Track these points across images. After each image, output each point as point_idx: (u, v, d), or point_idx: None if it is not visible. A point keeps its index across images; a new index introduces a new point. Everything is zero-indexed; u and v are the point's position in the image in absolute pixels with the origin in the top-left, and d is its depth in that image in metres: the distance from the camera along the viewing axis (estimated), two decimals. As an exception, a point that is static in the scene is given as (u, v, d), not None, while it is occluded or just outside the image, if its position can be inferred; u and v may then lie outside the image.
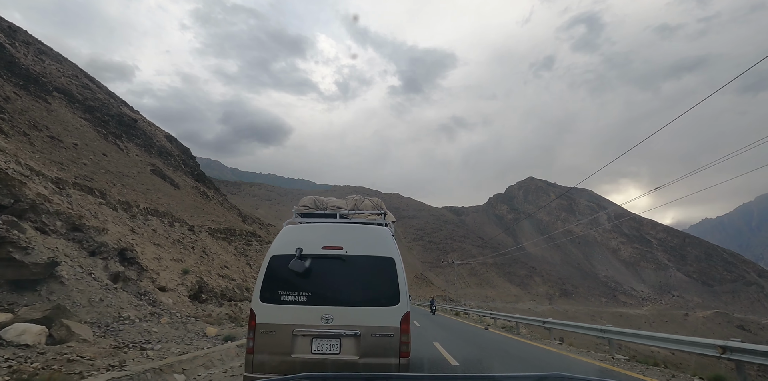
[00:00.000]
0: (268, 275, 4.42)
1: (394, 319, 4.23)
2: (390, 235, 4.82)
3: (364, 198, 5.61)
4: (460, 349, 11.47)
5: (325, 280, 4.44)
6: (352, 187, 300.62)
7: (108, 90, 49.91)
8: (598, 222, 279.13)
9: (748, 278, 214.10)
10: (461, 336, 15.66)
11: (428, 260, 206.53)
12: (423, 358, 9.52)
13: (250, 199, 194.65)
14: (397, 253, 4.67)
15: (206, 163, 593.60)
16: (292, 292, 4.30)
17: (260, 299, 4.34)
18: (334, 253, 4.48)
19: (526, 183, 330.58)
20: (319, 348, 4.14)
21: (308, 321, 4.20)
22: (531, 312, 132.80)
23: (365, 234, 4.74)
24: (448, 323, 23.86)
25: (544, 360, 10.15)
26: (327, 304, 4.27)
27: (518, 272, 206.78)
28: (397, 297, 4.36)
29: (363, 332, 4.14)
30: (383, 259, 4.52)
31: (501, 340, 14.97)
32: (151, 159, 38.71)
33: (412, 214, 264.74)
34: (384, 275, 4.45)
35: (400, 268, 4.52)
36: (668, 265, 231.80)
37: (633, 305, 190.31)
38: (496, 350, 11.82)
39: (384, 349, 4.13)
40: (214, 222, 31.34)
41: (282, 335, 4.16)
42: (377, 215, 5.45)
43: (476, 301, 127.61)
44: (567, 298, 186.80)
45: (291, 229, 4.79)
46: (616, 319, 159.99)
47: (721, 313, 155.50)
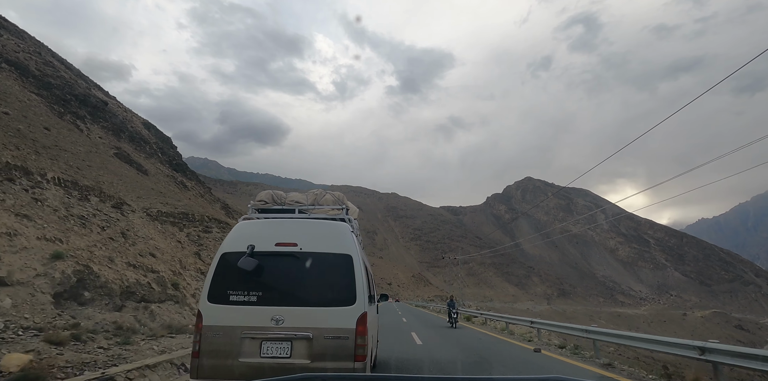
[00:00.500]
0: (218, 274, 4.15)
1: (349, 321, 3.99)
2: (349, 231, 4.53)
3: (326, 192, 5.28)
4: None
5: (277, 279, 4.20)
6: (349, 187, 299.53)
7: (81, 73, 48.62)
8: (596, 221, 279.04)
9: (746, 278, 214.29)
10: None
11: (426, 260, 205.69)
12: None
13: (246, 199, 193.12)
14: (356, 250, 4.39)
15: (203, 163, 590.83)
16: (241, 292, 4.07)
17: (208, 299, 4.07)
18: (288, 250, 4.25)
19: (524, 183, 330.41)
20: (269, 351, 3.91)
21: (257, 322, 3.97)
22: (529, 312, 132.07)
23: (322, 230, 4.50)
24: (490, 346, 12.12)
25: None
26: (278, 305, 4.04)
27: (516, 272, 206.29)
28: (354, 297, 4.10)
29: (315, 334, 3.92)
30: (340, 256, 4.28)
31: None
32: (118, 143, 37.50)
33: (410, 214, 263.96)
34: (340, 274, 4.20)
35: (359, 266, 4.27)
36: (666, 264, 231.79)
37: (631, 305, 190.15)
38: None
39: (338, 352, 3.90)
40: (168, 205, 28.31)
41: (229, 338, 3.93)
42: (338, 210, 5.11)
43: (475, 302, 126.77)
44: (565, 298, 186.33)
45: (244, 225, 4.57)
46: (614, 319, 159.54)
47: (719, 312, 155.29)
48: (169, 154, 50.18)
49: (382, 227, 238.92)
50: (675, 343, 7.43)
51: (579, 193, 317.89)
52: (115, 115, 43.61)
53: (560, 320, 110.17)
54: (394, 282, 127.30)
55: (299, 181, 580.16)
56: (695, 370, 8.53)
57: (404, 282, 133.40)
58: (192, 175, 53.13)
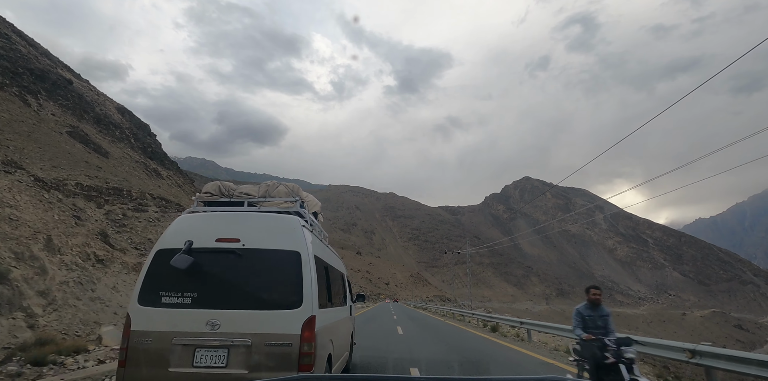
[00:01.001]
0: (151, 273, 3.79)
1: (294, 326, 3.60)
2: (299, 224, 4.09)
3: (279, 184, 4.82)
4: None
5: (216, 278, 3.80)
6: (347, 186, 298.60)
7: (47, 51, 47.09)
8: (594, 221, 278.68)
9: (744, 277, 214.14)
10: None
11: (424, 260, 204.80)
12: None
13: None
14: (307, 247, 3.95)
15: (201, 163, 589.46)
16: (175, 293, 3.68)
17: (138, 302, 3.71)
18: (229, 247, 3.85)
19: (522, 182, 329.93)
20: (203, 360, 3.49)
21: (191, 328, 3.56)
22: (528, 312, 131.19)
23: (269, 224, 4.09)
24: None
25: None
26: (215, 308, 3.63)
27: (515, 272, 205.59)
28: (300, 299, 3.70)
29: (255, 341, 3.52)
30: (287, 253, 3.87)
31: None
32: (78, 123, 36.23)
33: (408, 213, 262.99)
34: (287, 272, 3.80)
35: (309, 264, 3.86)
36: (664, 264, 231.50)
37: (630, 305, 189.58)
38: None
39: (280, 361, 3.50)
40: (97, 179, 24.82)
41: (159, 345, 3.54)
42: (291, 203, 4.62)
43: (473, 302, 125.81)
44: (563, 298, 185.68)
45: (185, 219, 4.14)
46: (613, 320, 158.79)
47: (718, 312, 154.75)
48: (144, 141, 48.39)
49: (380, 227, 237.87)
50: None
51: (577, 192, 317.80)
52: (80, 96, 42.22)
53: (560, 321, 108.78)
54: (392, 282, 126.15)
55: (297, 181, 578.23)
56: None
57: (402, 282, 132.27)
58: (171, 165, 51.32)
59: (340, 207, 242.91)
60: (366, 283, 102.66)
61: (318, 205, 5.50)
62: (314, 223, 4.91)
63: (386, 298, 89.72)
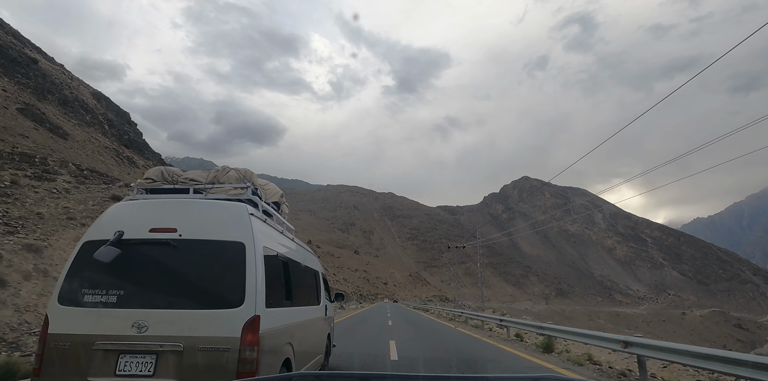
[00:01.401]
0: (75, 268, 3.32)
1: (233, 327, 3.08)
2: (246, 213, 3.55)
3: (230, 169, 4.24)
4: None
5: (147, 273, 3.34)
6: (345, 186, 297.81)
7: (16, 31, 45.88)
8: (593, 221, 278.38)
9: (743, 277, 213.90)
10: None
11: (423, 260, 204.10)
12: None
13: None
14: (254, 237, 3.42)
15: (198, 164, 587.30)
16: (99, 291, 3.20)
17: (58, 301, 3.23)
18: (164, 238, 3.36)
19: (520, 182, 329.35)
20: (127, 367, 3.03)
21: (115, 330, 3.09)
22: (527, 312, 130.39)
23: (211, 212, 3.56)
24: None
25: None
26: (143, 307, 3.15)
27: (514, 272, 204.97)
28: (242, 297, 3.17)
29: (188, 345, 3.04)
30: (229, 244, 3.34)
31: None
32: (36, 102, 35.07)
33: (407, 213, 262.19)
34: (228, 266, 3.28)
35: (255, 256, 3.32)
36: (663, 264, 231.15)
37: (629, 304, 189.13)
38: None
39: (216, 368, 3.02)
40: (6, 143, 21.95)
41: (78, 350, 3.08)
42: (241, 189, 4.04)
43: (472, 302, 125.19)
44: (563, 298, 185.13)
45: (118, 208, 3.68)
46: (613, 319, 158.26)
47: (718, 312, 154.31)
48: (121, 128, 46.89)
49: (379, 227, 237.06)
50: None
51: (576, 192, 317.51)
52: (45, 76, 41.09)
53: (560, 320, 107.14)
54: (390, 281, 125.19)
55: (295, 181, 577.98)
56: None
57: (401, 281, 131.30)
58: (153, 156, 49.81)
59: (339, 207, 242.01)
60: (363, 283, 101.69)
61: (278, 193, 4.98)
62: (272, 213, 4.42)
63: (384, 297, 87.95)
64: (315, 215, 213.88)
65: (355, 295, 65.26)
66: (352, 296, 60.76)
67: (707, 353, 5.27)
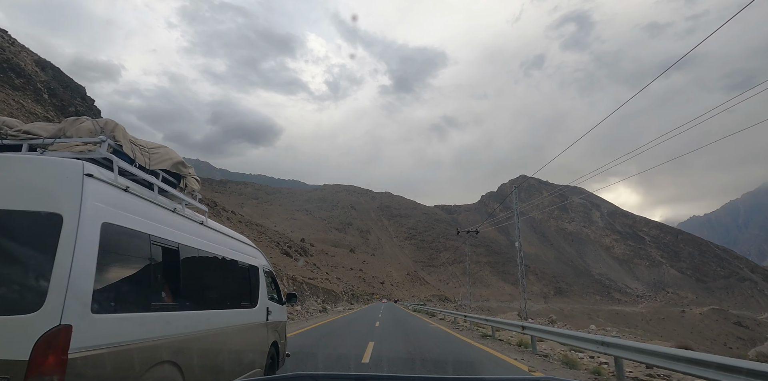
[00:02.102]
0: None
1: (19, 345, 1.98)
2: (78, 173, 2.37)
3: (87, 119, 2.95)
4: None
5: None
6: (342, 186, 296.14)
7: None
8: (591, 219, 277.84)
9: (741, 274, 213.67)
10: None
11: (421, 259, 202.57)
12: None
13: (236, 198, 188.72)
14: (81, 208, 2.28)
15: (195, 164, 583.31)
16: None
17: None
18: None
19: (518, 181, 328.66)
20: None
21: None
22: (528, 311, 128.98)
23: (23, 173, 2.39)
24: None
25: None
26: None
27: (512, 271, 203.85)
28: (41, 295, 2.06)
29: None
30: (39, 217, 2.23)
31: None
32: None
33: (404, 213, 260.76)
34: (32, 249, 2.22)
35: (79, 236, 2.23)
36: (662, 262, 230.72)
37: (628, 303, 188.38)
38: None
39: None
40: None
41: None
42: (93, 145, 2.76)
43: (466, 301, 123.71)
44: (562, 297, 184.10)
45: None
46: (612, 317, 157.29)
47: (717, 309, 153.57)
48: (66, 100, 43.21)
49: (376, 226, 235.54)
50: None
51: (573, 190, 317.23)
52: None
53: (560, 319, 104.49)
54: (387, 280, 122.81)
55: (293, 181, 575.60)
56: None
57: (398, 280, 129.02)
58: None
59: (335, 206, 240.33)
60: (358, 282, 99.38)
61: (174, 161, 3.41)
62: (153, 183, 3.07)
63: (380, 297, 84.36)
64: (311, 215, 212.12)
65: (345, 295, 61.75)
66: (342, 296, 56.58)
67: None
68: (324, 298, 40.03)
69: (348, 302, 54.84)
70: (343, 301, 51.74)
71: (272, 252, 55.97)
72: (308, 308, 28.91)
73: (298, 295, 11.84)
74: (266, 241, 64.95)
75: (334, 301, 45.49)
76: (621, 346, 6.35)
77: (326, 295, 42.73)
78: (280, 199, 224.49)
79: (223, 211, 69.41)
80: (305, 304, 29.12)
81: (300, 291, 29.17)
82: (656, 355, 5.53)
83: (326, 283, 61.02)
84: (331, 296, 46.48)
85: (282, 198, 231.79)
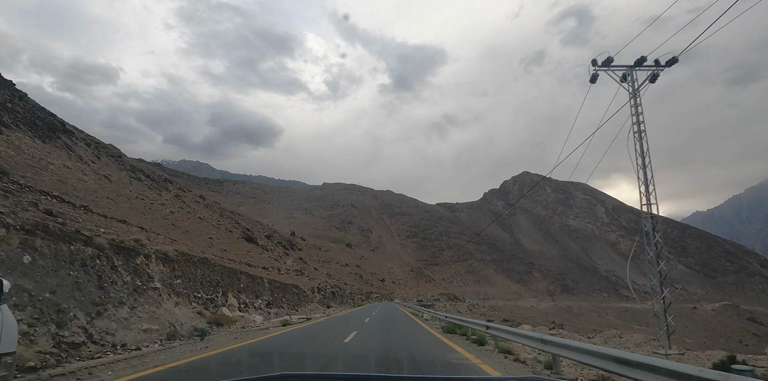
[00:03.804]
0: None
1: None
2: None
3: None
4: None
5: None
6: (342, 184, 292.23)
7: None
8: (596, 215, 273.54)
9: (751, 269, 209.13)
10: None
11: (424, 258, 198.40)
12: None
13: (233, 197, 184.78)
14: None
15: (195, 166, 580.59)
16: None
17: None
18: None
19: (521, 177, 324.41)
20: None
21: None
22: (534, 310, 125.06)
23: None
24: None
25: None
26: None
27: (517, 268, 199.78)
28: None
29: None
30: None
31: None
32: None
33: (406, 211, 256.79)
34: None
35: None
36: (669, 257, 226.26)
37: (635, 300, 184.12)
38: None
39: None
40: None
41: None
42: None
43: (476, 300, 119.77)
44: (568, 294, 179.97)
45: None
46: (621, 315, 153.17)
47: (729, 305, 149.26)
48: (13, 106, 39.16)
49: (377, 225, 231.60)
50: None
51: (577, 187, 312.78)
52: None
53: (569, 317, 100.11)
54: (388, 278, 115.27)
55: (293, 182, 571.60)
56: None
57: (401, 278, 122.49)
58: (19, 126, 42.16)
59: (336, 205, 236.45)
60: (356, 280, 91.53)
61: None
62: None
63: (378, 296, 76.08)
64: (311, 214, 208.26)
65: (322, 294, 44.73)
66: (312, 297, 39.64)
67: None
68: (276, 297, 27.21)
69: (322, 304, 39.92)
70: (313, 303, 37.01)
71: (223, 233, 45.20)
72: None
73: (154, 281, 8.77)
74: (227, 224, 53.78)
75: (297, 304, 31.43)
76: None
77: (279, 292, 28.76)
78: (278, 198, 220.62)
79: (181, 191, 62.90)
80: (212, 305, 16.60)
81: (192, 279, 16.10)
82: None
83: (308, 282, 45.04)
84: (293, 295, 32.14)
85: (280, 197, 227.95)
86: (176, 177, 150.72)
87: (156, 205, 36.04)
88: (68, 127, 43.08)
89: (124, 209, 26.76)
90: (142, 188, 41.43)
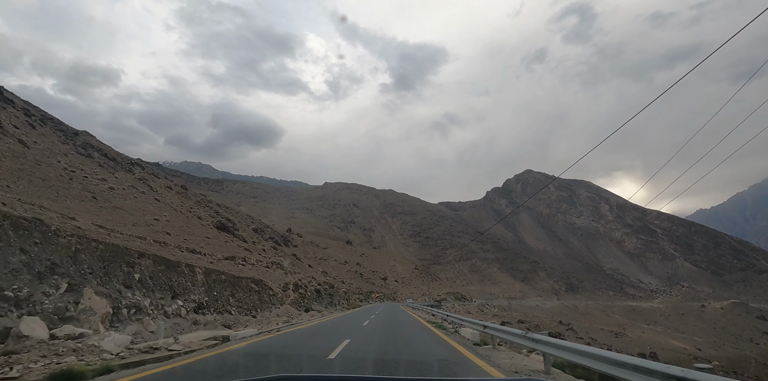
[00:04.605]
0: None
1: None
2: None
3: None
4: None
5: None
6: (344, 184, 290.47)
7: None
8: (600, 213, 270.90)
9: (759, 266, 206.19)
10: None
11: (426, 257, 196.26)
12: None
13: (233, 197, 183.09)
14: None
15: (196, 167, 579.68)
16: None
17: None
18: None
19: (524, 176, 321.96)
20: None
21: None
22: (539, 309, 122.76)
23: None
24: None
25: None
26: None
27: (521, 267, 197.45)
28: None
29: None
30: None
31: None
32: None
33: (408, 210, 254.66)
34: None
35: None
36: (675, 255, 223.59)
37: (642, 298, 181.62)
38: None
39: None
40: None
41: None
42: None
43: (480, 299, 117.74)
44: (573, 293, 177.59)
45: None
46: (629, 314, 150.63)
47: (738, 303, 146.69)
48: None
49: (379, 224, 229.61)
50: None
51: (580, 184, 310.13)
52: None
53: (576, 317, 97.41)
54: (391, 276, 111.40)
55: (295, 182, 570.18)
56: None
57: (404, 276, 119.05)
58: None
59: (337, 205, 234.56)
60: (355, 278, 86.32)
61: None
62: None
63: (379, 296, 71.19)
64: (312, 213, 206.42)
65: (298, 292, 34.51)
66: (283, 298, 29.98)
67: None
68: (217, 296, 19.60)
69: (297, 307, 31.05)
70: (284, 305, 28.59)
71: (184, 218, 40.81)
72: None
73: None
74: (201, 212, 50.65)
75: (256, 307, 23.67)
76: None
77: (225, 289, 21.02)
78: (279, 198, 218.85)
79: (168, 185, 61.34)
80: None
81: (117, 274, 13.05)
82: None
83: (244, 269, 30.32)
84: (250, 294, 24.05)
85: (281, 197, 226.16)
86: (176, 177, 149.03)
87: (91, 179, 32.35)
88: (5, 94, 40.87)
89: (27, 176, 24.15)
90: (85, 163, 37.26)
